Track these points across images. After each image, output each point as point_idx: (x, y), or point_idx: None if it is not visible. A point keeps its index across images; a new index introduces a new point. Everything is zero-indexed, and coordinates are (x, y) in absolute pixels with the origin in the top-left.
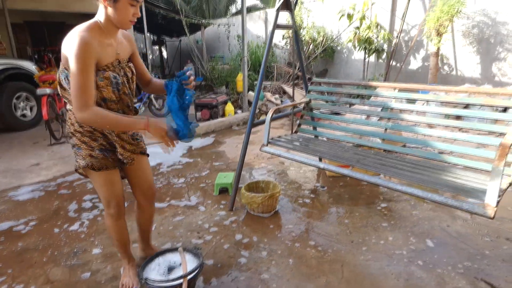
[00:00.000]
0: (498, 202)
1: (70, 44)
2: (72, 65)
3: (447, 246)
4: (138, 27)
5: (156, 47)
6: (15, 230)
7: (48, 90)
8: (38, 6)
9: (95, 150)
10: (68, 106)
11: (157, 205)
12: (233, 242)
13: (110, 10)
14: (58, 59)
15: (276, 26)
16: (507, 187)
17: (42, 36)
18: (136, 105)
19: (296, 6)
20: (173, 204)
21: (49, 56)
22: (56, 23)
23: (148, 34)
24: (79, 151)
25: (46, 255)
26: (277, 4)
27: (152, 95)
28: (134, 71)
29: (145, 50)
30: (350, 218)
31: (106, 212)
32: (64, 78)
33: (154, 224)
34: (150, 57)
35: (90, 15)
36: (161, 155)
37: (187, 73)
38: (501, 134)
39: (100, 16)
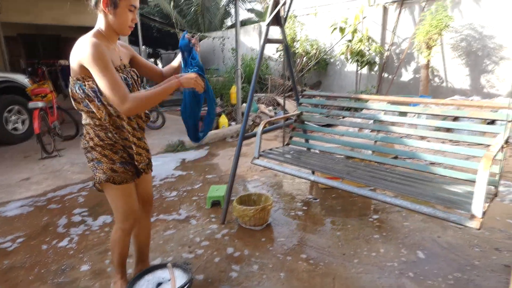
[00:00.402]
0: (484, 213)
1: (83, 51)
2: (94, 67)
3: (438, 257)
4: (133, 40)
5: (152, 60)
6: (1, 247)
7: (40, 104)
8: (33, 20)
9: (116, 163)
10: (84, 121)
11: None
12: (224, 256)
13: (110, 17)
14: (52, 72)
15: (267, 40)
16: (493, 198)
17: (36, 48)
18: None
19: (290, 20)
20: (164, 218)
21: (43, 69)
22: (51, 36)
23: (144, 47)
24: (99, 165)
25: (33, 273)
26: (268, 20)
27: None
28: (138, 74)
29: None
30: (342, 230)
31: (120, 226)
32: (78, 89)
33: None
34: None
35: (86, 28)
36: (154, 167)
37: (186, 39)
38: (488, 146)
39: (100, 25)
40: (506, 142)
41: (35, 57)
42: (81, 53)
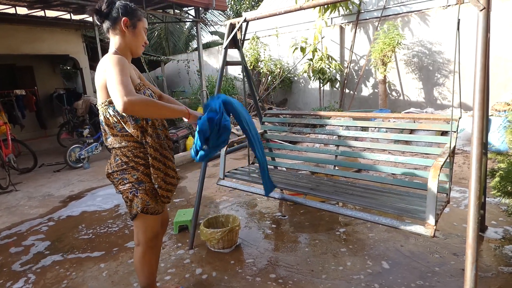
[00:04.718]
0: (437, 221)
1: (106, 62)
2: (110, 70)
3: (401, 266)
4: (95, 66)
5: None
6: None
7: None
8: None
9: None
10: (118, 144)
11: (112, 250)
12: (192, 282)
13: (128, 37)
14: (7, 102)
15: (226, 62)
16: (444, 206)
17: None
18: (93, 145)
19: (253, 41)
20: (129, 247)
21: None
22: (6, 65)
23: None
24: (141, 186)
25: None
26: (225, 43)
27: None
28: (153, 92)
29: None
30: (310, 246)
31: (148, 245)
32: (112, 111)
33: (106, 271)
34: None
35: (42, 56)
36: (118, 196)
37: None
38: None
39: (115, 47)
40: (453, 151)
41: None
42: (104, 68)
